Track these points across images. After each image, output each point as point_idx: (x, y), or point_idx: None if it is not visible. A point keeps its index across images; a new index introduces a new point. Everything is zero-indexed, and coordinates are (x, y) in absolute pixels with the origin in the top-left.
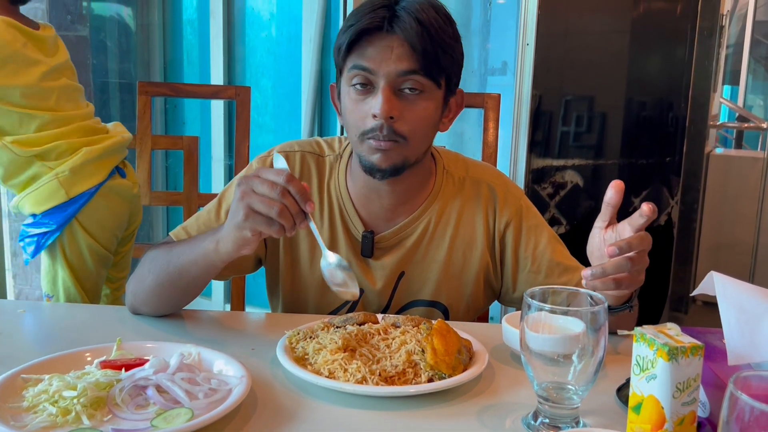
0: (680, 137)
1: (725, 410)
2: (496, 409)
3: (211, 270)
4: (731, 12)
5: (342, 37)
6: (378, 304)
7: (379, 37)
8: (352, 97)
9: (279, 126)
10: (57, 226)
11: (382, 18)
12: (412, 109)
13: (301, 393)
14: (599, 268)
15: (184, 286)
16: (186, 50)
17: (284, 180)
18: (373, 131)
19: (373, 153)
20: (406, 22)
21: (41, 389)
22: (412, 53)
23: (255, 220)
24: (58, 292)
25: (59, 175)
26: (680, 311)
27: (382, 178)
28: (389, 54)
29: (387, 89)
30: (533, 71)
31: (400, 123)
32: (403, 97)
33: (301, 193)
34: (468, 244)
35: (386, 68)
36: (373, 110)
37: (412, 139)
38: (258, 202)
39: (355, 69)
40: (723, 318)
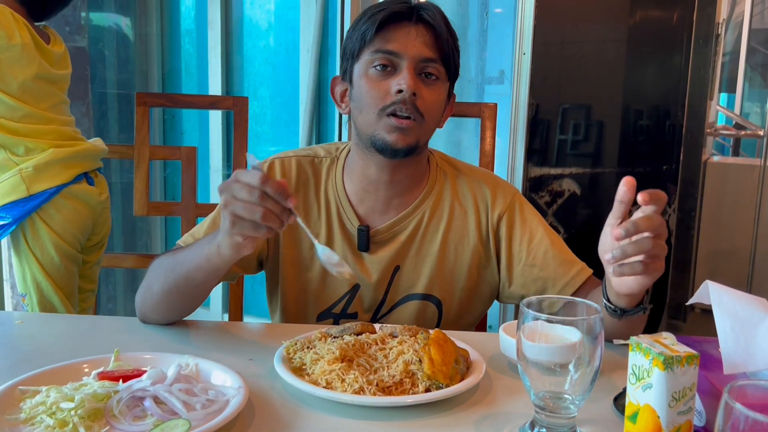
0: (677, 145)
1: (720, 419)
2: (494, 419)
3: (216, 273)
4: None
5: (364, 24)
6: (374, 297)
7: (405, 24)
8: (371, 77)
9: (277, 135)
10: (13, 219)
11: (408, 7)
12: (430, 93)
13: (298, 403)
14: (619, 250)
15: (191, 292)
16: (184, 60)
17: (260, 183)
18: (395, 104)
19: (391, 131)
20: (433, 12)
21: (39, 401)
22: (434, 42)
23: (242, 226)
24: (29, 289)
25: (23, 171)
26: (678, 319)
27: (393, 157)
28: (414, 39)
29: (411, 68)
30: (530, 80)
31: (420, 101)
32: (422, 80)
33: (279, 192)
34: (460, 239)
35: (411, 52)
36: (399, 85)
37: (427, 118)
38: (241, 209)
39: (380, 53)
40: (718, 327)
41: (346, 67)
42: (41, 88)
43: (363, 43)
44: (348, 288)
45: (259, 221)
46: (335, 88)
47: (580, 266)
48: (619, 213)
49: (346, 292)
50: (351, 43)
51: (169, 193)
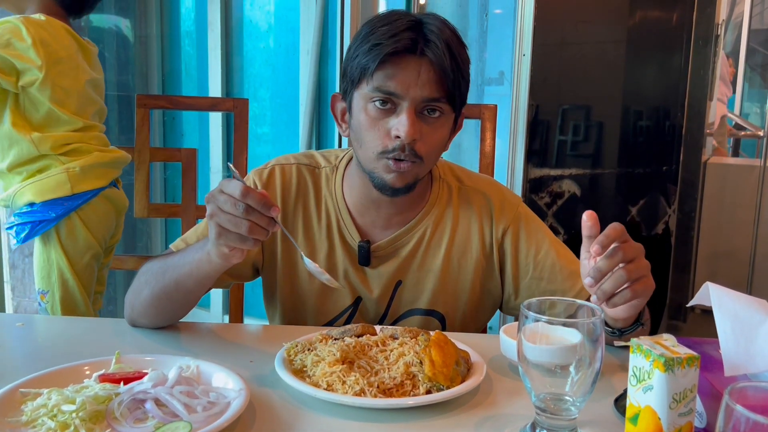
0: (677, 146)
1: (721, 421)
2: (494, 421)
3: (206, 281)
4: (727, 21)
5: (366, 56)
6: (376, 312)
7: (407, 60)
8: (370, 114)
9: (277, 136)
10: (55, 216)
11: (413, 41)
12: (432, 132)
13: (299, 405)
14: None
15: (181, 298)
16: (184, 62)
17: (241, 195)
18: (394, 151)
19: (389, 172)
20: (438, 47)
21: (40, 403)
22: (439, 80)
23: (228, 237)
24: (53, 285)
25: (69, 170)
26: (679, 320)
27: (393, 195)
28: (416, 78)
29: (411, 112)
30: (530, 81)
31: (420, 144)
32: (424, 119)
33: (262, 204)
34: (463, 253)
35: (413, 94)
36: (398, 131)
37: (427, 159)
38: (227, 222)
39: (380, 91)
40: (719, 329)
41: (345, 88)
42: (89, 96)
43: (363, 73)
44: (350, 301)
45: (245, 234)
46: (335, 105)
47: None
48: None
49: (348, 306)
50: (351, 69)
51: (170, 195)
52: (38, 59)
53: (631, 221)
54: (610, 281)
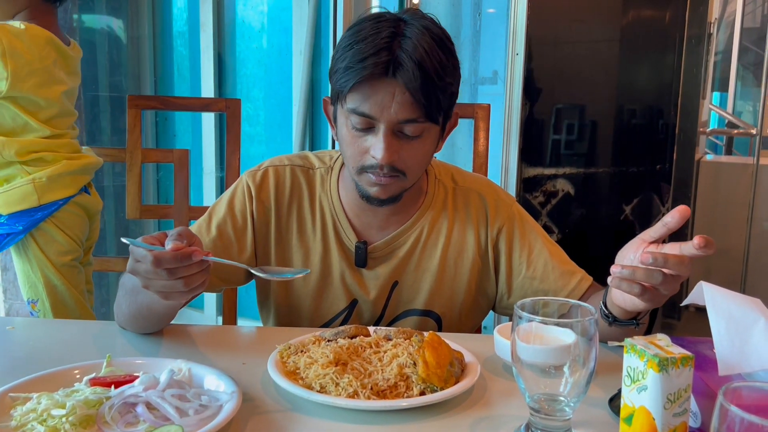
0: (670, 144)
1: (716, 421)
2: (489, 422)
3: (176, 308)
4: (719, 19)
5: (342, 77)
6: (372, 313)
7: (381, 83)
8: (350, 132)
9: (271, 137)
10: (23, 228)
11: (385, 63)
12: (412, 149)
13: (292, 408)
14: (630, 270)
15: (154, 318)
16: (177, 63)
17: (153, 265)
18: (373, 168)
19: (371, 186)
20: (408, 70)
21: (30, 408)
22: (413, 102)
23: (174, 298)
24: (40, 294)
25: (36, 181)
26: (673, 318)
27: (379, 206)
28: (390, 101)
29: (388, 134)
30: (523, 80)
31: (399, 162)
32: (403, 138)
33: (179, 259)
34: (459, 253)
35: (387, 116)
36: (374, 153)
37: (410, 173)
38: (161, 288)
39: (356, 114)
40: (713, 328)
41: (332, 95)
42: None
43: (339, 93)
44: (346, 304)
45: (185, 289)
46: (327, 109)
47: (580, 276)
48: (659, 233)
49: (344, 308)
50: (332, 83)
51: (162, 196)
52: (4, 70)
53: (625, 220)
54: (647, 273)
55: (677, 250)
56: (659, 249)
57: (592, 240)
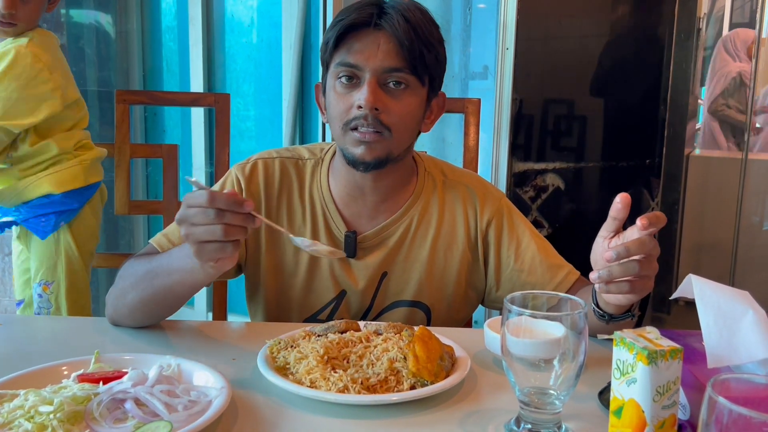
0: (660, 139)
1: (704, 413)
2: (479, 416)
3: (199, 287)
4: (708, 15)
5: (329, 32)
6: (361, 304)
7: (366, 33)
8: (337, 90)
9: (260, 132)
10: (78, 206)
11: (370, 14)
12: (397, 103)
13: (282, 403)
14: (605, 271)
15: (171, 302)
16: (165, 57)
17: (208, 201)
18: (357, 119)
19: (357, 145)
20: (393, 19)
21: (17, 405)
22: (398, 50)
23: (207, 251)
24: (58, 276)
25: (83, 162)
26: (663, 312)
27: (366, 171)
28: (375, 50)
29: (373, 82)
30: (513, 75)
31: (384, 115)
32: (389, 91)
33: (232, 202)
34: (449, 245)
35: (372, 64)
36: (358, 101)
37: (396, 132)
38: (202, 233)
39: (342, 66)
40: (702, 321)
41: (322, 75)
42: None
43: (327, 52)
44: (334, 294)
45: (222, 239)
46: (318, 96)
47: (567, 270)
48: (612, 228)
49: (332, 298)
50: (322, 51)
51: (152, 192)
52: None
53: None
54: (622, 267)
55: (636, 234)
56: (620, 241)
57: (582, 234)
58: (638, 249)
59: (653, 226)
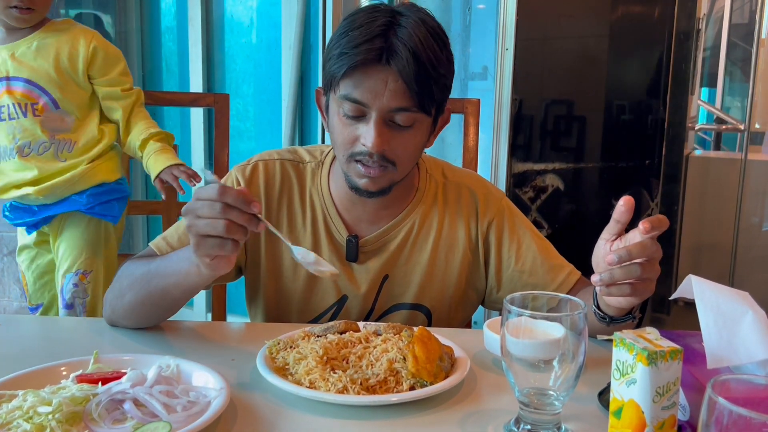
0: (659, 140)
1: (704, 414)
2: (479, 416)
3: (195, 290)
4: (708, 15)
5: (335, 64)
6: (362, 308)
7: (374, 69)
8: (342, 119)
9: (260, 132)
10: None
11: (379, 50)
12: (403, 139)
13: (281, 404)
14: (607, 273)
15: (166, 305)
16: (165, 58)
17: (218, 194)
18: (362, 155)
19: (360, 177)
20: (402, 58)
21: (15, 405)
22: (406, 90)
23: (206, 246)
24: (97, 265)
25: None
26: (662, 312)
27: (368, 198)
28: (383, 89)
29: (379, 122)
30: (513, 76)
31: (389, 152)
32: (394, 128)
33: (241, 200)
34: (450, 247)
35: (379, 103)
36: (364, 141)
37: (400, 165)
38: (204, 226)
39: (348, 101)
40: (701, 321)
41: (325, 87)
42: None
43: (332, 80)
44: (336, 299)
45: (223, 234)
46: (320, 100)
47: (568, 270)
48: (614, 230)
49: (333, 303)
50: (325, 71)
51: (151, 192)
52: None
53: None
54: (624, 270)
55: (638, 237)
56: (622, 243)
57: (582, 235)
58: (640, 252)
59: (656, 229)
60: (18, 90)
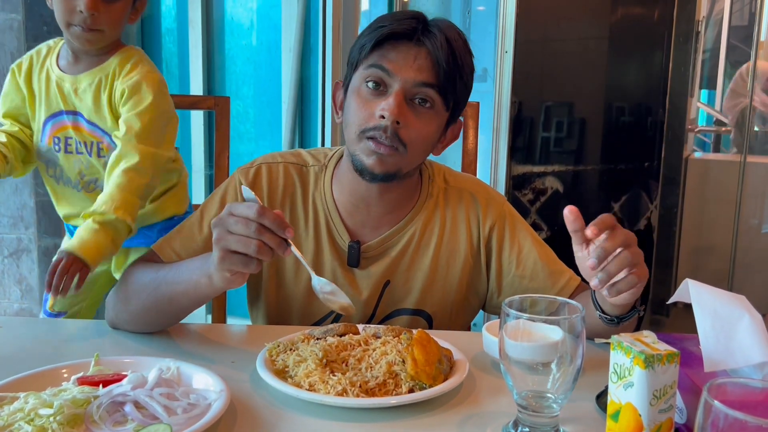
0: (658, 142)
1: (700, 417)
2: (477, 419)
3: (204, 300)
4: (707, 18)
5: (367, 36)
6: (363, 313)
7: (405, 45)
8: (362, 94)
9: (260, 134)
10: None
11: (414, 28)
12: (418, 120)
13: (281, 406)
14: (602, 273)
15: (173, 313)
16: (165, 60)
17: (257, 215)
18: (376, 130)
19: (369, 155)
20: (437, 38)
21: (17, 407)
22: (433, 67)
23: (231, 261)
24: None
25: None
26: (661, 314)
27: (372, 181)
28: (411, 62)
29: (400, 94)
30: (512, 78)
31: (404, 130)
32: (413, 107)
33: (277, 224)
34: (452, 253)
35: (405, 74)
36: (382, 111)
37: (411, 149)
38: (235, 243)
39: (374, 68)
40: (698, 325)
41: (347, 74)
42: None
43: (361, 54)
44: None
45: (253, 254)
46: (336, 93)
47: (568, 275)
48: (578, 240)
49: None
50: (353, 52)
51: None
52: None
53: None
54: (615, 262)
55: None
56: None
57: None
58: (612, 244)
59: (603, 229)
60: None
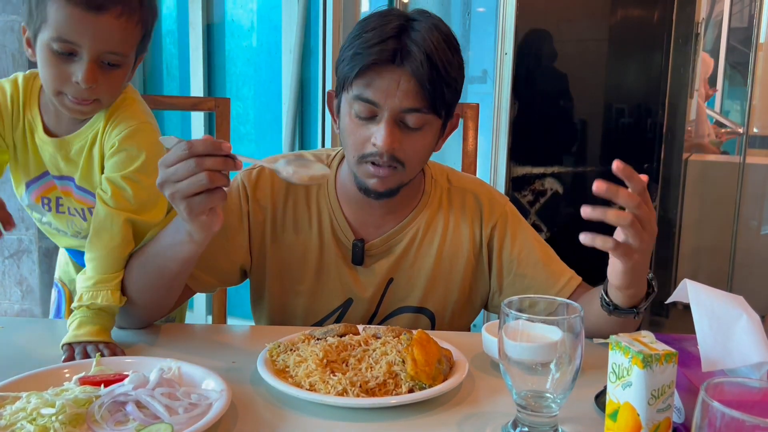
0: (658, 143)
1: (698, 417)
2: (476, 419)
3: (189, 259)
4: (707, 19)
5: (348, 65)
6: (366, 310)
7: (387, 70)
8: (354, 120)
9: (260, 136)
10: None
11: (393, 51)
12: (413, 140)
13: (281, 406)
14: (600, 210)
15: (167, 284)
16: (166, 61)
17: (187, 151)
18: (373, 156)
19: (370, 177)
20: (416, 59)
21: (19, 407)
22: (418, 90)
23: (195, 205)
24: None
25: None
26: (661, 315)
27: (377, 199)
28: (395, 89)
29: (390, 122)
30: (512, 80)
31: (400, 152)
32: (405, 128)
33: (211, 148)
34: (455, 252)
35: (391, 103)
36: (375, 140)
37: (409, 166)
38: (186, 186)
39: (360, 100)
40: (696, 325)
41: (337, 89)
42: None
43: (345, 81)
44: (341, 302)
45: (209, 186)
46: (331, 102)
47: (569, 276)
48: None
49: (338, 306)
50: (338, 72)
51: None
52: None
53: None
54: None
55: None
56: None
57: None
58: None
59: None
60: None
